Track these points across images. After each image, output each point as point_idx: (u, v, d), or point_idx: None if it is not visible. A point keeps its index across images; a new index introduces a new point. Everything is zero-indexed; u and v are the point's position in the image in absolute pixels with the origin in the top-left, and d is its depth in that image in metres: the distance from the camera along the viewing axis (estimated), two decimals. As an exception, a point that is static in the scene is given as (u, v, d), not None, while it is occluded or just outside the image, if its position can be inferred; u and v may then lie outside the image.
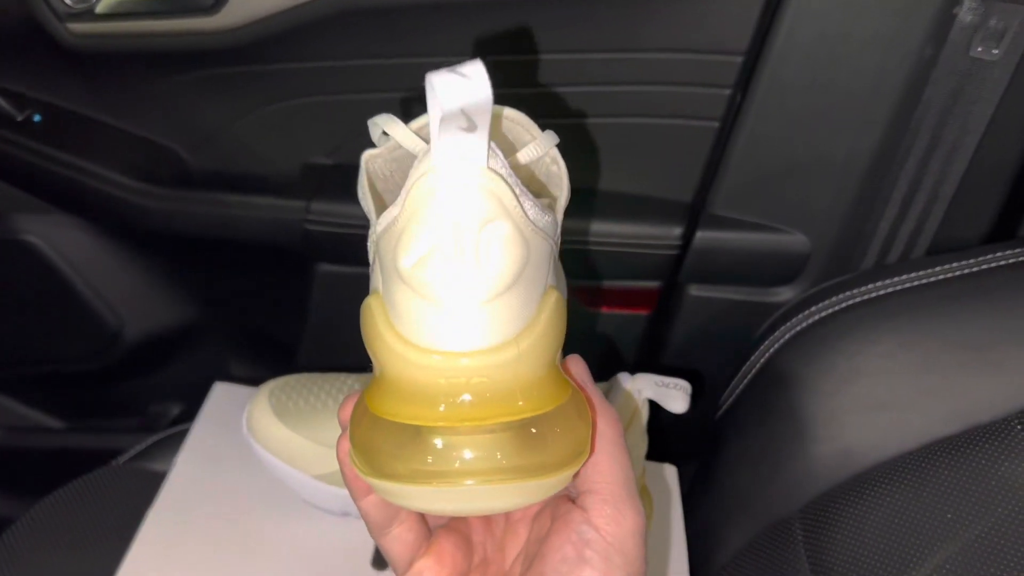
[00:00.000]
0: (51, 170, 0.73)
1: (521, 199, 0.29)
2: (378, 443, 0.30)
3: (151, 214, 0.72)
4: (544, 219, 0.30)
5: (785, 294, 0.69)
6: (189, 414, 0.64)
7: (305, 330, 0.78)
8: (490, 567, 0.37)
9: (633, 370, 0.60)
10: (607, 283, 0.72)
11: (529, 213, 0.29)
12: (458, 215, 0.27)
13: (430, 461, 0.29)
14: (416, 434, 0.30)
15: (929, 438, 0.54)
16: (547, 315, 0.31)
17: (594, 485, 0.33)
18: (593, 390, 0.36)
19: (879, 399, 0.56)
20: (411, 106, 0.67)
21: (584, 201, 0.68)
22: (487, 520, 0.38)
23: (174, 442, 0.69)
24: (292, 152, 0.72)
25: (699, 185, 0.68)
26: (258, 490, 0.57)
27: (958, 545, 0.48)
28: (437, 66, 0.28)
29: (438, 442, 0.29)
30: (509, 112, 0.36)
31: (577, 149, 0.68)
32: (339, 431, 0.55)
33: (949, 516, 0.50)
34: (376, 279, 0.31)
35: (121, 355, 0.86)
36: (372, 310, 0.30)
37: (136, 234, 0.80)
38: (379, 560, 0.57)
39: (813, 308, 0.61)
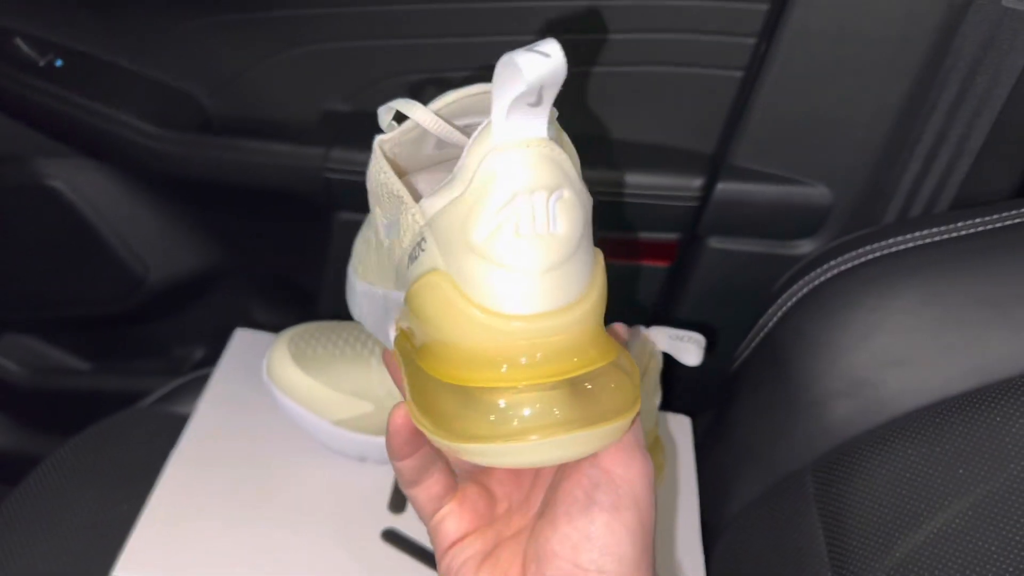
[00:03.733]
0: (73, 115, 0.73)
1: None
2: (443, 407, 0.32)
3: (170, 159, 0.72)
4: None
5: (806, 247, 0.68)
6: (212, 358, 0.65)
7: (325, 278, 0.79)
8: (513, 518, 0.38)
9: (650, 322, 0.60)
10: (626, 234, 0.72)
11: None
12: (530, 187, 0.29)
13: (493, 420, 0.31)
14: (475, 395, 0.31)
15: (945, 394, 0.54)
16: (600, 274, 0.33)
17: None
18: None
19: (897, 355, 0.56)
20: (425, 55, 0.67)
21: (603, 151, 0.68)
22: (515, 474, 0.39)
23: (197, 386, 0.70)
24: (310, 99, 0.72)
25: (721, 136, 0.67)
26: (278, 434, 0.59)
27: (969, 501, 0.48)
28: (454, 12, 0.28)
29: (501, 402, 0.31)
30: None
31: (597, 98, 0.67)
32: (357, 378, 0.56)
33: (961, 472, 0.50)
34: (430, 256, 0.32)
35: (145, 298, 0.87)
36: (440, 286, 0.31)
37: (157, 179, 0.80)
38: (396, 504, 0.58)
39: (833, 262, 0.61)
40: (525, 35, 0.65)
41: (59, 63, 0.72)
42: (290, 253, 0.85)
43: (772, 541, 0.57)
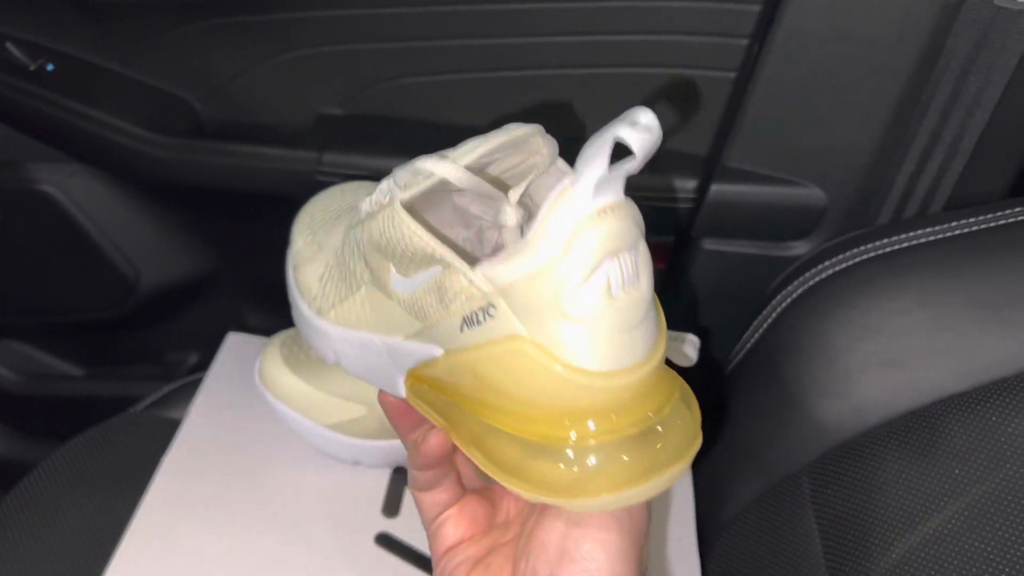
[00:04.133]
0: (65, 119, 0.73)
1: None
2: (508, 455, 0.32)
3: (163, 164, 0.72)
4: None
5: (800, 248, 0.68)
6: (206, 362, 0.65)
7: None
8: (511, 526, 0.39)
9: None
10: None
11: None
12: (619, 249, 0.29)
13: (562, 468, 0.31)
14: (546, 446, 0.31)
15: (940, 395, 0.53)
16: (662, 316, 0.33)
17: None
18: None
19: (892, 356, 0.55)
20: (418, 58, 0.67)
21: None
22: None
23: (190, 391, 0.70)
24: (303, 103, 0.72)
25: (715, 137, 0.67)
26: (271, 439, 0.58)
27: (964, 502, 0.48)
28: (447, 15, 0.28)
29: (569, 452, 0.31)
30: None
31: (590, 100, 0.67)
32: (350, 381, 0.56)
33: (957, 473, 0.50)
34: (503, 323, 0.31)
35: (138, 304, 0.87)
36: (527, 353, 0.30)
37: (150, 184, 0.80)
38: (390, 507, 0.58)
39: (828, 262, 0.61)
40: (518, 37, 0.65)
41: (50, 67, 0.72)
42: (283, 257, 0.85)
43: (769, 544, 0.57)
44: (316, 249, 0.42)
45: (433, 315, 0.33)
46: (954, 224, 0.57)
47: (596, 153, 0.28)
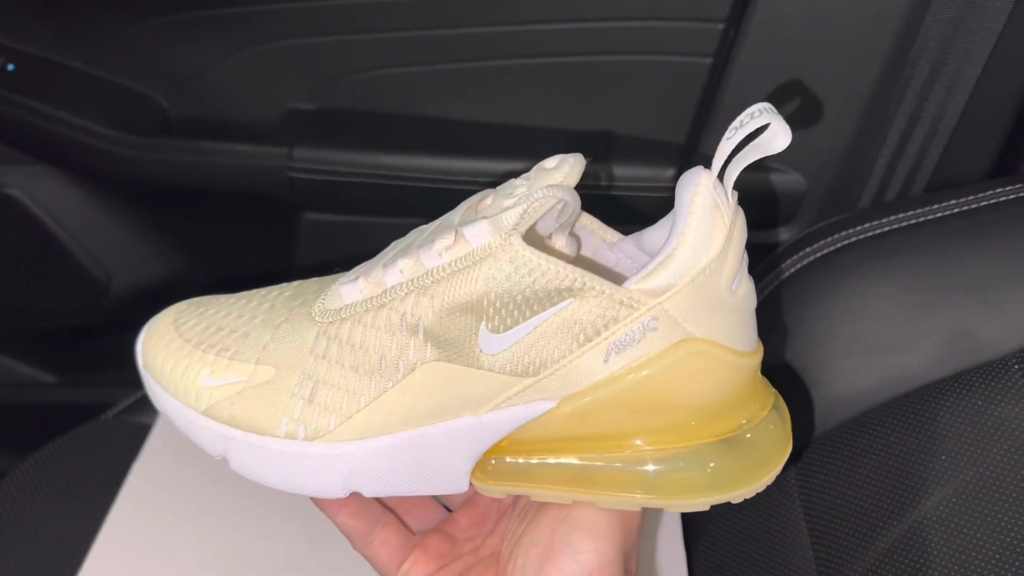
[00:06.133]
0: (28, 120, 0.71)
1: None
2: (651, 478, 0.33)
3: (130, 163, 0.70)
4: None
5: (781, 235, 0.68)
6: (180, 366, 0.63)
7: (291, 279, 0.77)
8: (481, 548, 0.38)
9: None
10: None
11: None
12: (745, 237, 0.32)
13: (673, 470, 0.33)
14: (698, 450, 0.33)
15: (925, 380, 0.53)
16: None
17: None
18: None
19: (876, 342, 0.55)
20: (388, 49, 0.65)
21: (572, 143, 0.66)
22: (479, 517, 0.39)
23: (162, 395, 0.69)
24: (272, 97, 0.70)
25: (692, 125, 0.66)
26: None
27: (952, 488, 0.47)
28: (417, 5, 0.27)
29: (747, 435, 0.33)
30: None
31: (564, 88, 0.66)
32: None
33: (943, 458, 0.49)
34: (665, 333, 0.31)
35: (110, 308, 0.85)
36: (705, 352, 0.31)
37: (118, 184, 0.78)
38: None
39: (809, 249, 0.60)
40: (491, 26, 0.63)
41: (11, 68, 0.70)
42: (255, 255, 0.83)
43: (755, 536, 0.56)
44: (252, 370, 0.34)
45: (559, 359, 0.31)
46: (936, 207, 0.56)
47: (723, 152, 0.30)
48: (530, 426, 0.32)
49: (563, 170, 0.32)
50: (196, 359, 0.35)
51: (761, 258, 0.68)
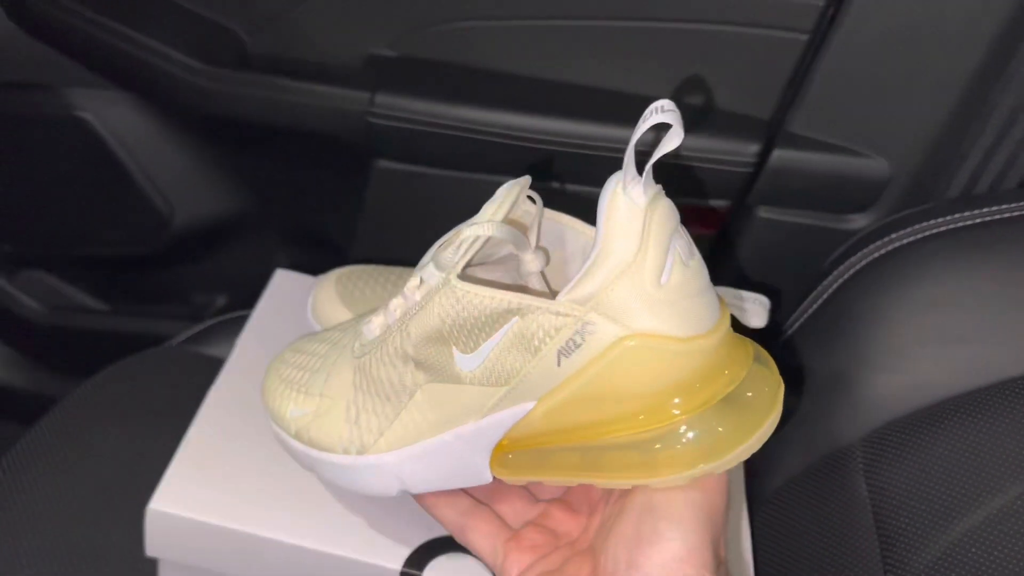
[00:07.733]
0: (109, 42, 0.70)
1: None
2: (636, 460, 0.35)
3: (207, 94, 0.70)
4: None
5: (858, 222, 0.67)
6: (234, 305, 0.63)
7: (358, 228, 0.77)
8: (580, 541, 0.39)
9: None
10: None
11: None
12: (678, 221, 0.34)
13: (659, 448, 0.34)
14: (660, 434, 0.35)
15: (1005, 375, 0.52)
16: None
17: None
18: None
19: (957, 333, 0.54)
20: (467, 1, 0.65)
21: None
22: (573, 509, 0.41)
23: (227, 328, 0.69)
24: (354, 42, 0.70)
25: (779, 101, 0.65)
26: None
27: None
28: None
29: (682, 428, 0.34)
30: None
31: (650, 54, 0.65)
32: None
33: (1020, 455, 0.49)
34: (602, 334, 0.33)
35: (169, 241, 0.85)
36: (639, 346, 0.33)
37: (191, 116, 0.78)
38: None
39: (893, 235, 0.59)
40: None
41: None
42: (322, 201, 0.83)
43: (817, 516, 0.56)
44: (318, 402, 0.43)
45: (520, 369, 0.35)
46: (1030, 202, 0.55)
47: (630, 153, 0.32)
48: (519, 425, 0.37)
49: (496, 203, 0.38)
50: (286, 396, 0.44)
51: (833, 243, 0.67)
